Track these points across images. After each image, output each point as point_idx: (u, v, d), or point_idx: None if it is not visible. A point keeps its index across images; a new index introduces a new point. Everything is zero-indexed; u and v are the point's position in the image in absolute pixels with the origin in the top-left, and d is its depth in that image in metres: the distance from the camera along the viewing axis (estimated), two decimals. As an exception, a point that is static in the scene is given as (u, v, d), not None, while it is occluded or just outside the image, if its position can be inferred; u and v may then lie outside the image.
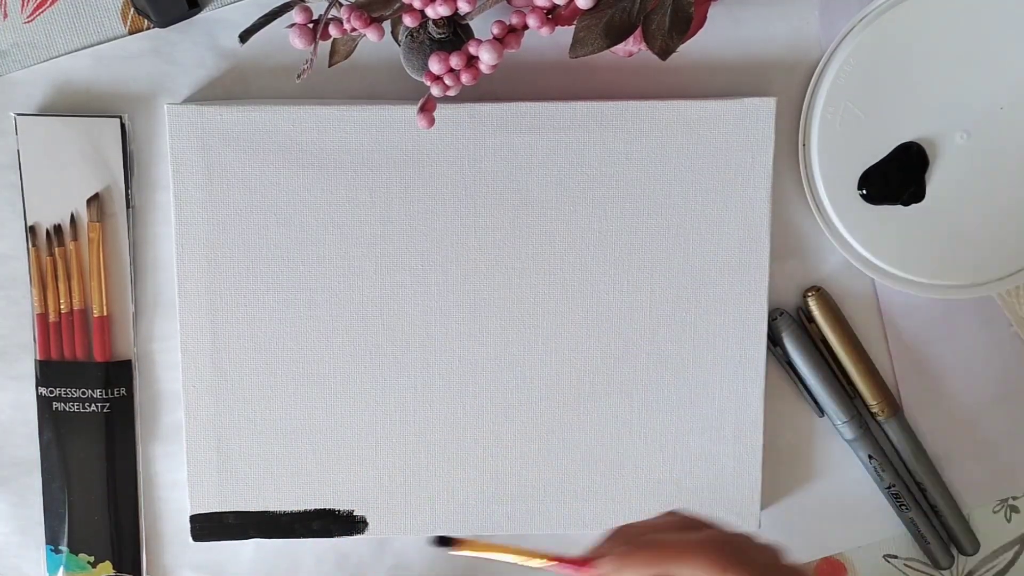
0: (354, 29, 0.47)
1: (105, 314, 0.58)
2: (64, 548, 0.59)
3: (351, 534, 0.59)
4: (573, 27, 0.48)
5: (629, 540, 0.45)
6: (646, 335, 0.58)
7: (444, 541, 0.48)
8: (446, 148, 0.56)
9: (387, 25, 0.48)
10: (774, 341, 0.60)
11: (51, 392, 0.58)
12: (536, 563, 0.47)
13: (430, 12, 0.46)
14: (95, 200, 0.57)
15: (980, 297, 0.60)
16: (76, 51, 0.57)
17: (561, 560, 0.47)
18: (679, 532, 0.45)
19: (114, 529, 0.59)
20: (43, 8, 0.56)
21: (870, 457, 0.60)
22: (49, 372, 0.58)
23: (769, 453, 0.60)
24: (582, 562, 0.46)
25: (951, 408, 0.62)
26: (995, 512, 0.63)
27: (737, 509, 0.60)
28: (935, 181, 0.58)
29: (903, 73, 0.57)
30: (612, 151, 0.56)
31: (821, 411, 0.61)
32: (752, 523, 0.60)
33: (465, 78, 0.47)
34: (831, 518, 0.62)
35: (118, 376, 0.58)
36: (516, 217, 0.57)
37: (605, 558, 0.44)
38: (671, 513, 0.47)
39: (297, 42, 0.48)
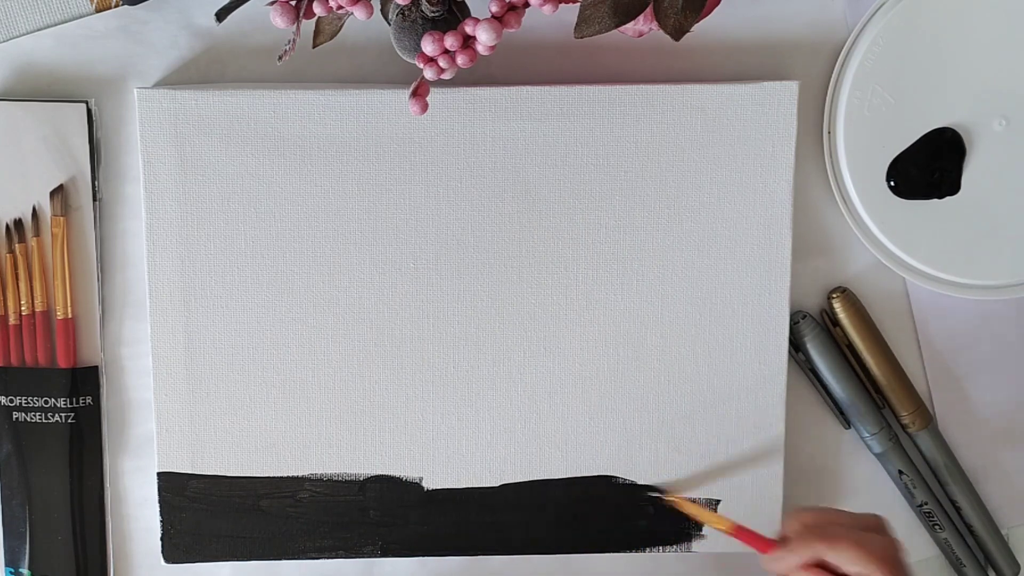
0: (340, 7, 0.47)
1: (70, 316, 0.58)
2: (25, 571, 0.59)
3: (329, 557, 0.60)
4: (578, 5, 0.48)
5: (810, 525, 0.51)
6: (657, 339, 0.58)
7: (657, 489, 0.60)
8: (440, 136, 0.56)
9: (376, 2, 0.48)
10: (796, 347, 0.60)
11: (11, 401, 0.58)
12: (722, 526, 0.56)
13: (423, -12, 0.47)
14: (59, 192, 0.57)
15: (1021, 298, 0.60)
16: (38, 30, 0.57)
17: (744, 532, 0.55)
18: (859, 529, 0.50)
19: (79, 550, 0.59)
20: (2, -16, 0.57)
21: (900, 472, 0.61)
22: (9, 379, 0.58)
23: (791, 468, 0.60)
24: (766, 544, 0.53)
25: (988, 419, 0.62)
26: (1036, 532, 0.64)
27: (756, 529, 0.58)
28: (971, 171, 0.58)
29: (936, 54, 0.57)
30: (620, 139, 0.56)
31: (847, 422, 0.61)
32: (772, 544, 0.60)
33: (461, 60, 0.47)
34: (858, 538, 0.62)
35: (84, 384, 0.58)
36: (516, 212, 0.57)
37: (788, 544, 0.51)
38: (840, 511, 0.53)
39: (279, 21, 0.48)
